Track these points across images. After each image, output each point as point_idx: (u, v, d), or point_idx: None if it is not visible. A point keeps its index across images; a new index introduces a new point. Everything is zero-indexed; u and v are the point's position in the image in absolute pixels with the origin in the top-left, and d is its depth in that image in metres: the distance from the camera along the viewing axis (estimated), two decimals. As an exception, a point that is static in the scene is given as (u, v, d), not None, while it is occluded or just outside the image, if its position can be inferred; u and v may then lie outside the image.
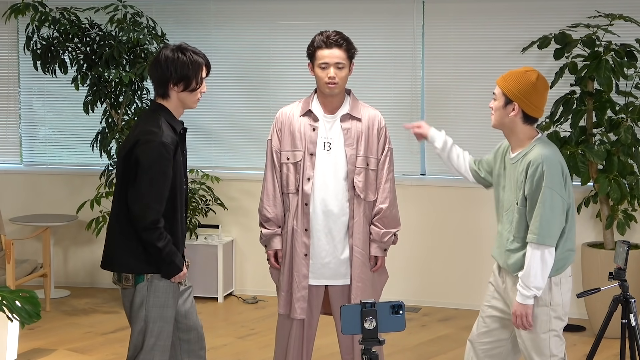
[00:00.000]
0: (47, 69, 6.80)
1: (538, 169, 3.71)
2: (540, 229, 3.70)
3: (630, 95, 6.18)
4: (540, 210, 3.70)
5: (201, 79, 3.88)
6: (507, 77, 3.83)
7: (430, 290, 7.01)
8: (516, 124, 3.81)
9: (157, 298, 3.85)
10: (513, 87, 3.78)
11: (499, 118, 3.84)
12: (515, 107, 3.77)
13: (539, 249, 3.72)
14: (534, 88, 3.77)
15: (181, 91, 3.85)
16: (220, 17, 7.37)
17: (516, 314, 3.80)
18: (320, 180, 4.39)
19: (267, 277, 4.66)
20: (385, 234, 4.45)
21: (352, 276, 4.43)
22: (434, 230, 7.04)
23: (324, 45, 4.33)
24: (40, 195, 7.64)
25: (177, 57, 3.82)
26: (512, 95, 3.77)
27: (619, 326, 4.13)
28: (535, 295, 3.77)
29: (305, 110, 4.44)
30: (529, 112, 3.79)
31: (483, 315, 4.06)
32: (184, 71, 3.82)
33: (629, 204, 6.23)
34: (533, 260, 3.73)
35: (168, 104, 3.88)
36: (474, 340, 4.07)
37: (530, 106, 3.78)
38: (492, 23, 6.88)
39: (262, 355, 5.77)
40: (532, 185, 3.72)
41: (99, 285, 7.57)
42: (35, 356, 5.80)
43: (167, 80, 3.83)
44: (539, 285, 3.75)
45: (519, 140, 3.84)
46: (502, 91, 3.80)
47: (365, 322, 2.88)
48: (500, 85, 3.82)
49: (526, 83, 3.77)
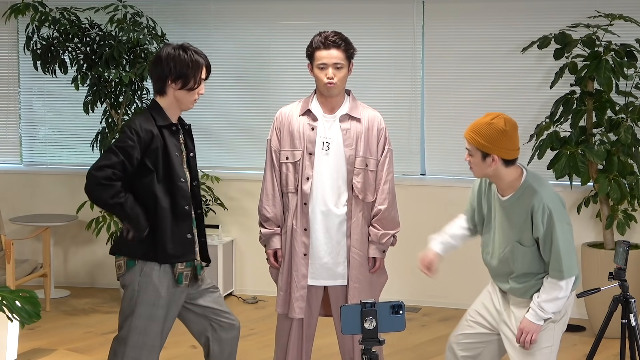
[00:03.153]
0: (47, 69, 6.80)
1: (545, 212, 3.73)
2: (565, 265, 3.75)
3: (630, 95, 6.18)
4: (559, 247, 3.74)
5: (200, 80, 3.91)
6: (475, 131, 3.78)
7: (430, 290, 7.00)
8: (500, 171, 3.81)
9: (147, 295, 3.88)
10: (485, 141, 3.75)
11: (481, 171, 3.84)
12: (495, 158, 3.76)
13: (564, 281, 3.77)
14: (505, 135, 3.75)
15: (179, 89, 3.88)
16: (220, 17, 7.38)
17: (524, 330, 3.81)
18: (319, 180, 4.39)
19: (267, 277, 4.66)
20: (383, 235, 4.45)
21: (350, 277, 4.43)
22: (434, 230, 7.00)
23: (322, 46, 4.33)
24: (40, 195, 7.64)
25: (178, 55, 3.87)
26: (487, 149, 3.75)
27: (619, 326, 4.13)
28: (549, 318, 3.81)
29: (305, 109, 4.44)
30: (508, 158, 3.78)
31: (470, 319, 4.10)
32: (183, 69, 3.85)
33: (629, 204, 6.23)
34: (558, 293, 3.77)
35: (162, 101, 3.92)
36: (452, 341, 4.11)
37: (507, 152, 3.76)
38: (492, 23, 6.88)
39: (262, 355, 5.77)
40: (544, 227, 3.74)
41: (99, 285, 7.57)
42: (35, 356, 5.80)
43: (166, 76, 3.87)
44: (557, 311, 3.82)
45: (508, 183, 3.84)
46: (475, 147, 3.78)
47: (365, 322, 2.88)
48: (472, 141, 3.78)
49: (496, 133, 3.74)
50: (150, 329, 3.90)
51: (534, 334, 3.79)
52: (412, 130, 7.07)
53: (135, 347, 3.91)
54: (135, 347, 3.91)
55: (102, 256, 7.53)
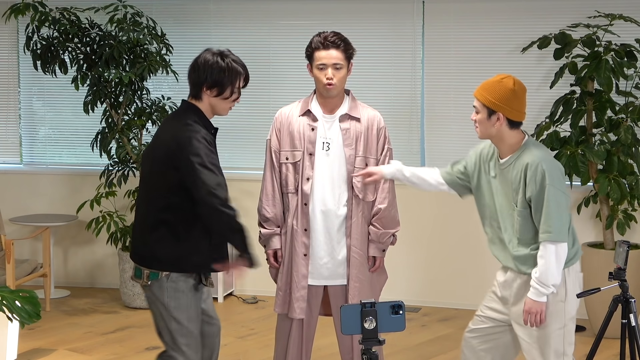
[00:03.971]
0: (47, 69, 6.80)
1: (538, 169, 3.74)
2: (553, 227, 3.74)
3: (630, 95, 6.18)
4: (549, 209, 3.74)
5: (237, 89, 3.85)
6: (484, 88, 3.86)
7: (430, 290, 7.01)
8: (503, 132, 3.84)
9: (180, 299, 3.81)
10: (493, 98, 3.81)
11: (485, 130, 3.87)
12: (500, 117, 3.80)
13: (554, 246, 3.75)
14: (513, 94, 3.80)
15: (214, 96, 3.83)
16: (220, 17, 7.38)
17: (530, 311, 3.80)
18: (319, 180, 4.39)
19: (267, 277, 4.66)
20: (383, 234, 4.45)
21: (350, 276, 4.43)
22: (434, 230, 7.04)
23: (321, 46, 4.33)
24: (40, 195, 7.64)
25: (216, 62, 3.80)
26: (494, 106, 3.80)
27: (619, 326, 4.13)
28: (551, 292, 3.79)
29: (305, 110, 4.44)
30: (513, 118, 3.82)
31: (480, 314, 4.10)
32: (220, 77, 3.79)
33: (629, 204, 6.23)
34: (549, 258, 3.76)
35: (200, 106, 3.86)
36: (467, 336, 4.11)
37: (513, 112, 3.81)
38: (492, 23, 6.88)
39: (262, 355, 5.77)
40: (535, 186, 3.75)
41: (99, 285, 7.57)
42: (35, 356, 5.80)
43: (202, 83, 3.80)
44: (556, 282, 3.78)
45: (509, 146, 3.87)
46: (482, 103, 3.84)
47: (365, 322, 2.88)
48: (480, 97, 3.85)
49: (505, 91, 3.80)
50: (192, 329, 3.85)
51: (541, 312, 3.79)
52: (412, 130, 7.07)
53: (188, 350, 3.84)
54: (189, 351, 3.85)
55: (102, 256, 7.53)
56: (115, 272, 7.26)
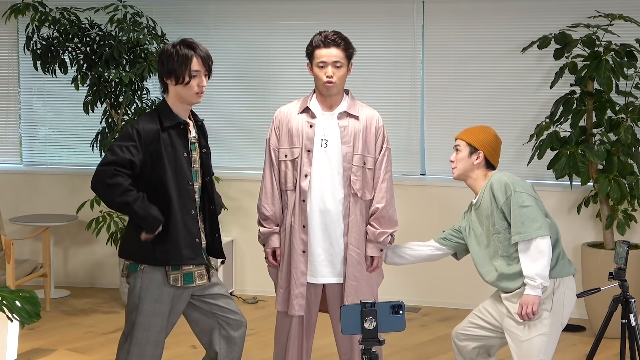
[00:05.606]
0: (47, 69, 6.80)
1: (501, 182, 4.09)
2: (522, 226, 4.00)
3: (630, 95, 6.18)
4: (516, 212, 4.02)
5: (190, 73, 3.85)
6: (468, 131, 4.27)
7: (430, 290, 7.01)
8: (479, 172, 4.23)
9: (150, 291, 3.86)
10: (477, 138, 4.22)
11: (463, 167, 4.24)
12: (480, 156, 4.20)
13: (529, 243, 3.99)
14: (495, 140, 4.25)
15: (175, 85, 3.88)
16: (220, 17, 7.38)
17: (524, 303, 3.99)
18: (317, 177, 4.39)
19: (266, 277, 4.66)
20: (381, 234, 4.44)
21: (347, 274, 4.43)
22: (434, 230, 7.02)
23: (322, 44, 4.34)
24: (40, 195, 7.64)
25: (166, 50, 3.88)
26: (477, 144, 4.20)
27: (619, 326, 4.14)
28: (542, 284, 3.97)
29: (303, 107, 4.44)
30: (491, 160, 4.22)
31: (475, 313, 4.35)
32: (171, 65, 3.85)
33: (629, 204, 6.23)
34: (527, 256, 4.00)
35: (168, 99, 3.93)
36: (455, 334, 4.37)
37: (493, 155, 4.22)
38: (492, 23, 6.88)
39: (262, 355, 5.77)
40: (503, 196, 4.06)
41: (98, 285, 7.58)
42: (35, 356, 5.80)
43: (161, 74, 3.90)
44: (541, 273, 3.97)
45: (479, 184, 4.23)
46: (466, 142, 4.23)
47: (365, 322, 2.88)
48: (464, 138, 4.25)
49: (487, 135, 4.24)
50: (153, 324, 3.90)
51: (534, 305, 3.98)
52: (412, 130, 7.07)
53: (139, 342, 3.91)
54: (139, 343, 3.91)
55: (102, 256, 7.53)
56: (115, 272, 7.26)
